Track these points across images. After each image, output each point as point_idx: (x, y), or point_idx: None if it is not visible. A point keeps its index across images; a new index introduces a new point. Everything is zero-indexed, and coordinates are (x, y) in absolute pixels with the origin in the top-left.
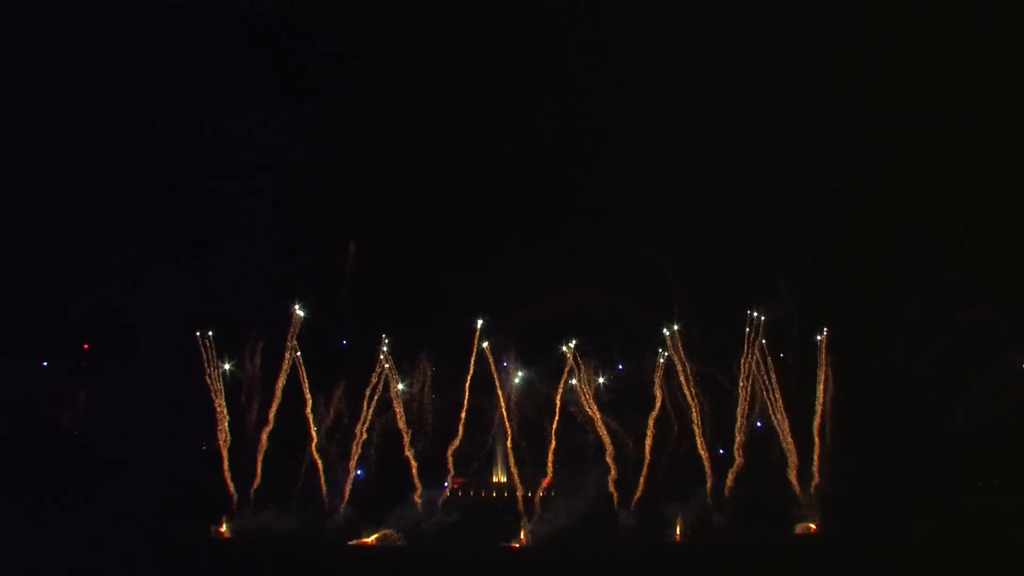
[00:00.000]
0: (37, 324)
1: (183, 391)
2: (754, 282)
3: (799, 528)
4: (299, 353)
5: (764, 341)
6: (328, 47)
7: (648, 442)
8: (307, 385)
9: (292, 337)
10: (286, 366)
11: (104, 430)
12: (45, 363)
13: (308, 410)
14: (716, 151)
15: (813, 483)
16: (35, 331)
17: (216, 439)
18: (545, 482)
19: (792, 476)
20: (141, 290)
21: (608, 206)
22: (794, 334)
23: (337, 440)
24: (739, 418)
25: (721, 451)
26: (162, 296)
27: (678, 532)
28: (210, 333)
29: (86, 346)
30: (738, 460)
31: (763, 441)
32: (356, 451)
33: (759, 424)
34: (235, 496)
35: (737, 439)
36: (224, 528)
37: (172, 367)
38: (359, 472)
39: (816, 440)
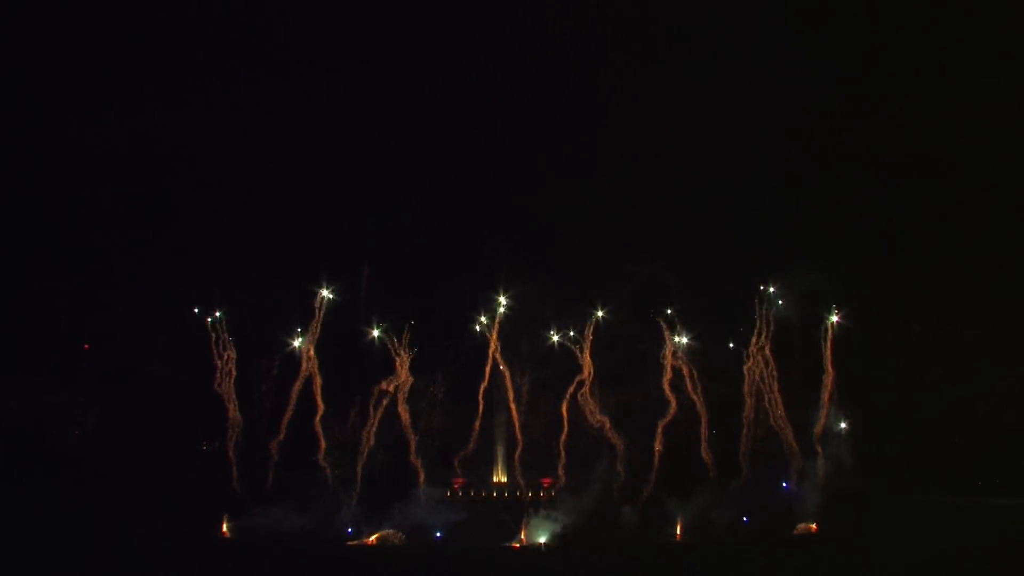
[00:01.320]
0: (34, 332)
1: (187, 389)
2: (757, 285)
3: (799, 528)
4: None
5: (768, 343)
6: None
7: (657, 448)
8: (320, 394)
9: (311, 344)
10: (302, 375)
11: (106, 431)
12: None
13: (318, 419)
14: (717, 154)
15: (814, 483)
16: (33, 339)
17: (219, 439)
18: (546, 482)
19: (793, 476)
20: (144, 288)
21: (611, 211)
22: (798, 336)
23: (346, 441)
24: (745, 426)
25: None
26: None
27: (678, 532)
28: (217, 314)
29: (86, 346)
30: (744, 472)
31: (767, 446)
32: (363, 457)
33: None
34: (240, 495)
35: (742, 447)
36: (225, 528)
37: (177, 365)
38: (349, 530)
39: (817, 441)
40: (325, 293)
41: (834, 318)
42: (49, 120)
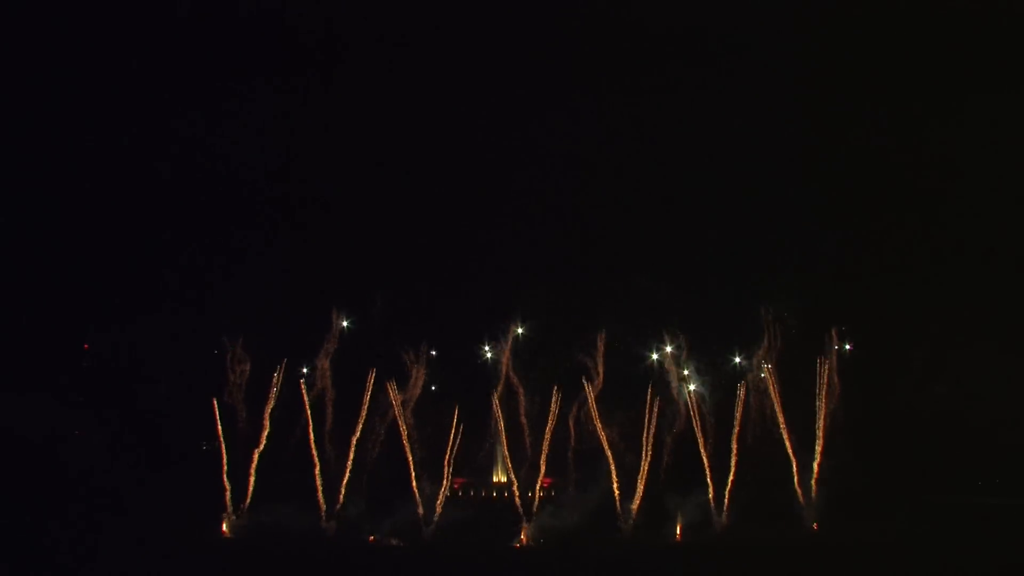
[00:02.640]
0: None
1: (193, 395)
2: (759, 289)
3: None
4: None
5: (771, 354)
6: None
7: (661, 455)
8: (332, 403)
9: (327, 354)
10: (316, 387)
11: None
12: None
13: (328, 426)
14: (720, 160)
15: (813, 483)
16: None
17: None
18: (545, 482)
19: (793, 477)
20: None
21: (615, 219)
22: (798, 339)
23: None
24: (747, 430)
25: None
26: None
27: (678, 532)
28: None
29: (86, 346)
30: (745, 475)
31: (766, 446)
32: (369, 460)
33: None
34: (250, 494)
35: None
36: (225, 527)
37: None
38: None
39: (819, 441)
40: (345, 324)
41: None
42: (62, 138)
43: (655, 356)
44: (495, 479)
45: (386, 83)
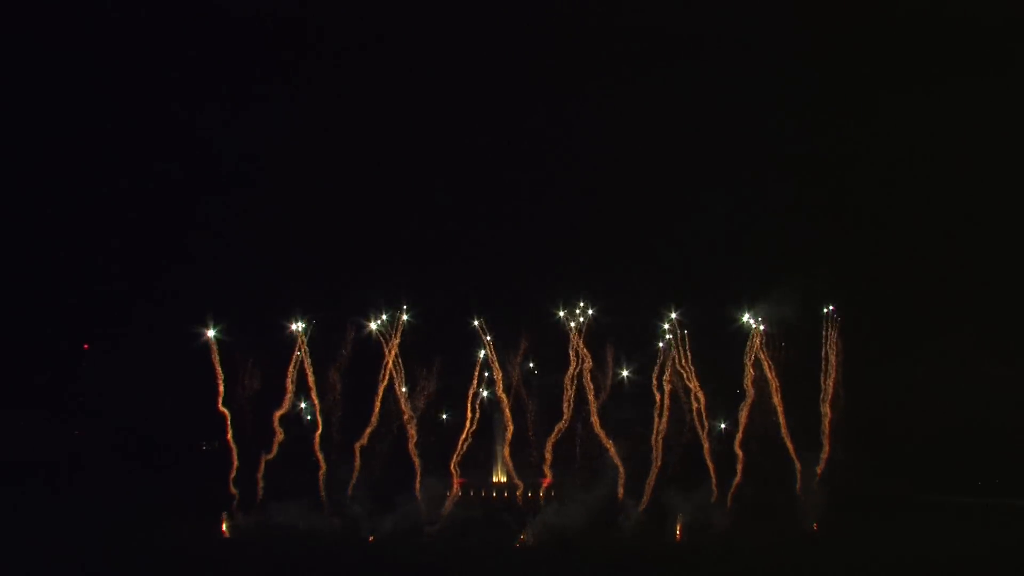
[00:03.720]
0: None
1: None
2: (757, 282)
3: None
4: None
5: (764, 343)
6: (329, 44)
7: (672, 461)
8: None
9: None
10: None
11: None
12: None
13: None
14: (716, 151)
15: (815, 484)
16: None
17: (221, 439)
18: (545, 482)
19: (795, 477)
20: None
21: (608, 212)
22: (798, 335)
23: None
24: (746, 429)
25: None
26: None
27: (678, 532)
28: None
29: (86, 346)
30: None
31: (768, 447)
32: (377, 460)
33: None
34: (242, 493)
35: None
36: (224, 528)
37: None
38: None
39: (825, 441)
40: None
41: (834, 313)
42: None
43: (659, 358)
44: (495, 479)
45: (378, 84)
